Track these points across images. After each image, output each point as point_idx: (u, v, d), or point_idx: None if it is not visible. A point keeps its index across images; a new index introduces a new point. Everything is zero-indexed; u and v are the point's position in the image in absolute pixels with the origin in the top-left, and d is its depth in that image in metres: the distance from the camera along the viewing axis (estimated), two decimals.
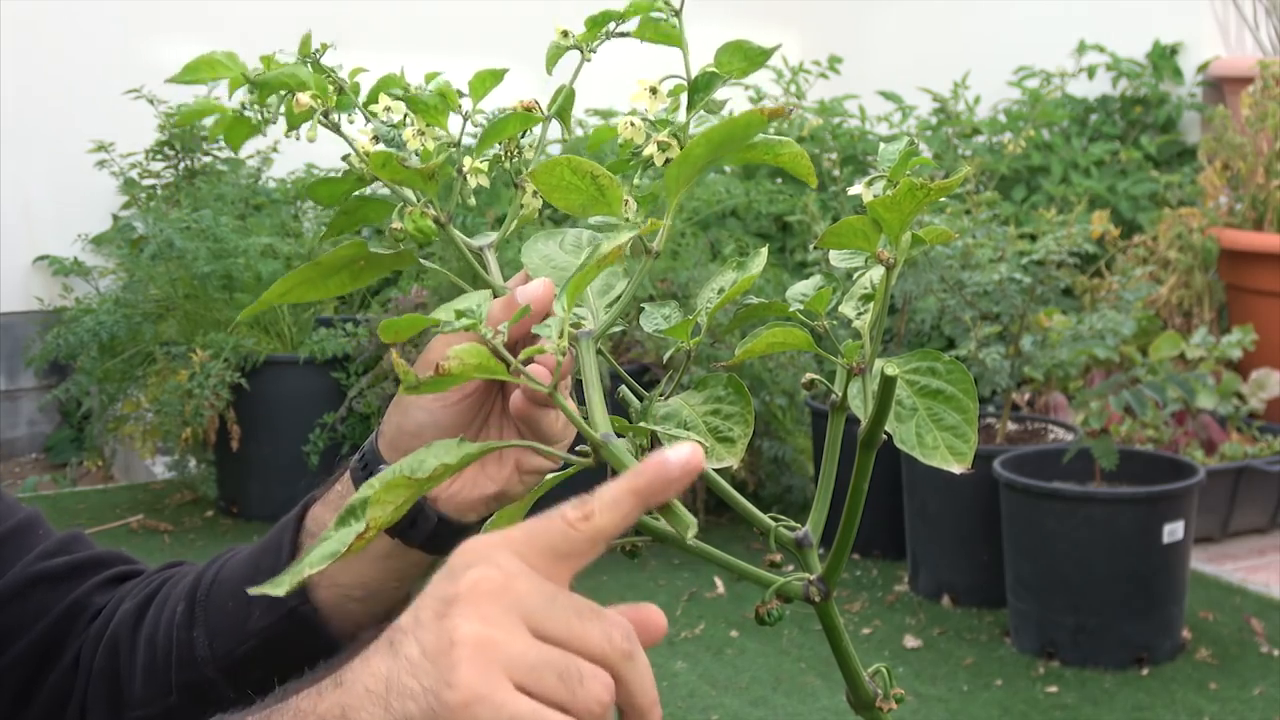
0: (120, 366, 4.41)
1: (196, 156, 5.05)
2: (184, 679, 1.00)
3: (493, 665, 0.64)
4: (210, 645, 0.99)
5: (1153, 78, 5.47)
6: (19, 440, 5.25)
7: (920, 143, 4.98)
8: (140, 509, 4.41)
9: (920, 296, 3.81)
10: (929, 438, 0.80)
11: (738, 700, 3.12)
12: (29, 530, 1.08)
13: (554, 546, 0.68)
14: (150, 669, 1.02)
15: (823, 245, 0.80)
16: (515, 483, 0.91)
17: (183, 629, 1.01)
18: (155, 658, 1.01)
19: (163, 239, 4.33)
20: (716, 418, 0.82)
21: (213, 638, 0.99)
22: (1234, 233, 4.53)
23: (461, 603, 0.65)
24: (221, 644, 0.99)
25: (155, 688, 1.01)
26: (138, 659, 1.02)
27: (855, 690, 0.81)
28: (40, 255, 5.16)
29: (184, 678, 1.00)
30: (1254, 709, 3.02)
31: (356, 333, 4.28)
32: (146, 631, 1.03)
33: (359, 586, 0.93)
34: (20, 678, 1.04)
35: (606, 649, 0.66)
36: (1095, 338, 3.60)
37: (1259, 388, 4.24)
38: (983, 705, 3.07)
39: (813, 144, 5.03)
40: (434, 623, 0.65)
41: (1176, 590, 3.25)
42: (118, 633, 1.04)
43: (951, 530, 3.58)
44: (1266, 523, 4.01)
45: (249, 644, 0.98)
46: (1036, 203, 4.97)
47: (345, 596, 0.96)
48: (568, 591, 0.67)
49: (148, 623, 1.03)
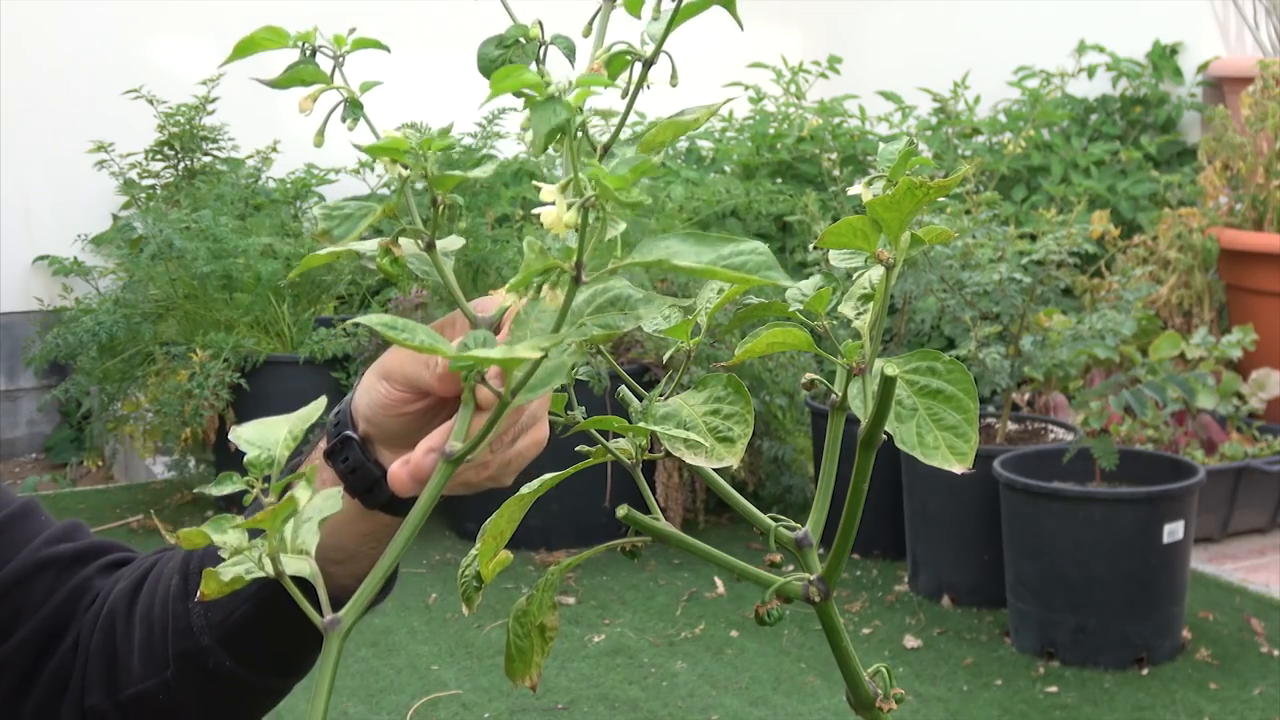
0: (120, 366, 4.42)
1: (196, 156, 5.05)
2: (180, 649, 1.02)
3: None
4: (205, 613, 1.01)
5: (1153, 78, 5.47)
6: (19, 440, 5.25)
7: (920, 143, 4.99)
8: (140, 509, 4.41)
9: (920, 296, 3.81)
10: (929, 437, 0.80)
11: (738, 700, 3.12)
12: (28, 517, 1.10)
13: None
14: (147, 644, 1.04)
15: (822, 245, 0.80)
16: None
17: (178, 601, 1.02)
18: (152, 632, 1.03)
19: (162, 239, 4.34)
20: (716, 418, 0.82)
21: (207, 606, 1.01)
22: (1234, 233, 4.53)
23: None
24: (216, 611, 1.01)
25: (151, 662, 1.03)
26: (134, 636, 1.04)
27: (855, 690, 0.81)
28: (40, 255, 5.16)
29: (180, 647, 1.02)
30: (1254, 709, 3.02)
31: (356, 333, 4.28)
32: (141, 609, 1.05)
33: (336, 550, 0.95)
34: (25, 661, 1.06)
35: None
36: (1095, 338, 3.60)
37: (1259, 388, 4.24)
38: (983, 705, 3.07)
39: (813, 144, 5.04)
40: None
41: (1176, 590, 3.25)
42: (113, 612, 1.06)
43: (951, 530, 3.58)
44: (1266, 523, 4.01)
45: (242, 608, 1.00)
46: (1036, 203, 4.97)
47: (326, 559, 0.97)
48: None
49: (142, 600, 1.05)
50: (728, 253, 0.70)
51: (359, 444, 0.93)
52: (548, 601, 0.90)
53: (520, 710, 3.08)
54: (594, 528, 3.79)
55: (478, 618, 3.52)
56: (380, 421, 0.92)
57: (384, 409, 0.92)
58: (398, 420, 0.92)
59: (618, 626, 3.50)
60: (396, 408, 0.91)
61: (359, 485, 0.93)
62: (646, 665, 3.29)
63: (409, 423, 0.92)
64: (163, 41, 5.36)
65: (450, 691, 3.17)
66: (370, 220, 0.80)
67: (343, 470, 0.93)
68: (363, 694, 3.15)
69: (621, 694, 3.15)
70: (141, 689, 1.03)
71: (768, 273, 0.69)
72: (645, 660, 3.32)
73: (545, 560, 3.89)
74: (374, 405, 0.92)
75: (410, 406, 0.91)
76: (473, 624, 3.47)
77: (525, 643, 0.90)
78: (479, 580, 0.87)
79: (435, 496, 0.80)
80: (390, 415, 0.92)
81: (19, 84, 5.06)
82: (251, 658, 1.01)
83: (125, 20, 5.27)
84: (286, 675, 1.05)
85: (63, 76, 5.16)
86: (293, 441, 0.80)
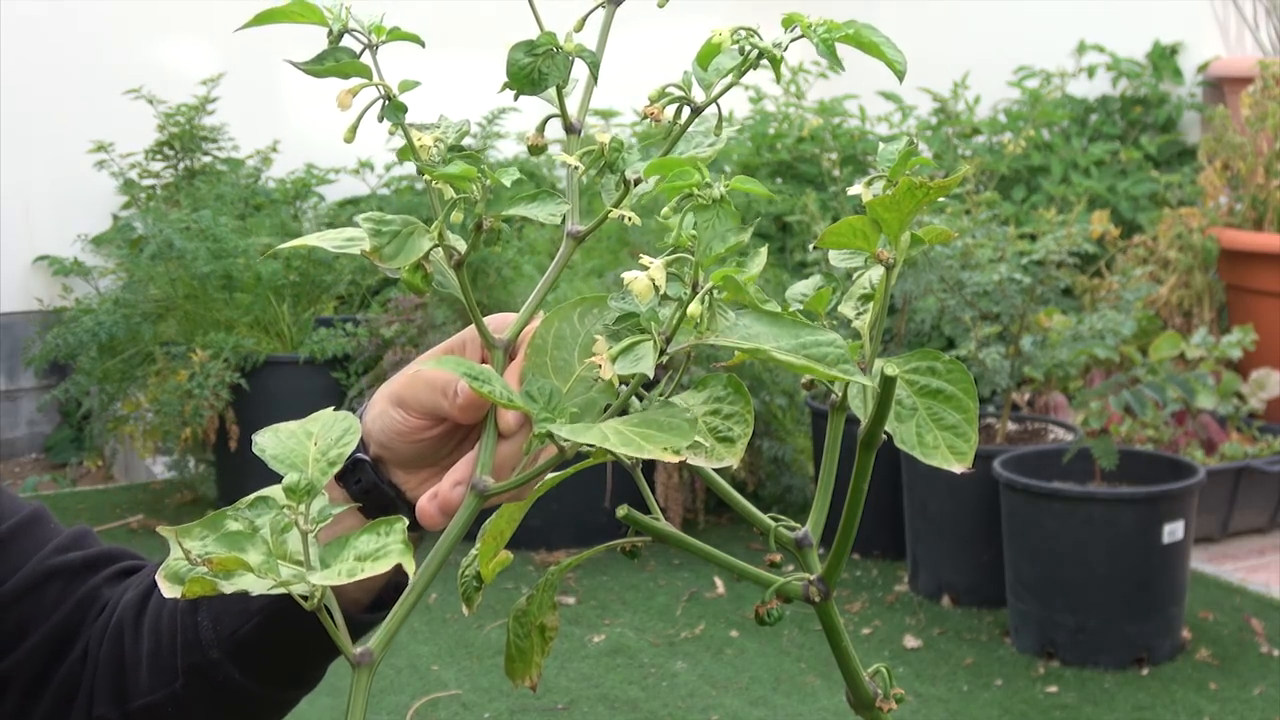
0: (120, 366, 4.42)
1: (196, 156, 5.05)
2: (189, 662, 1.01)
3: None
4: (215, 627, 1.00)
5: (1153, 78, 5.47)
6: (19, 440, 5.25)
7: (920, 143, 4.98)
8: (140, 509, 4.41)
9: (920, 296, 3.81)
10: (929, 437, 0.80)
11: (738, 700, 3.12)
12: (38, 525, 1.09)
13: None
14: (155, 655, 1.03)
15: (822, 245, 0.80)
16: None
17: (186, 614, 1.01)
18: (160, 644, 1.02)
19: (162, 239, 4.34)
20: (716, 418, 0.81)
21: (216, 619, 1.00)
22: (1234, 233, 4.53)
23: None
24: (226, 624, 0.99)
25: (160, 674, 1.02)
26: (142, 646, 1.03)
27: (855, 690, 0.81)
28: (40, 255, 5.16)
29: (189, 661, 1.01)
30: (1254, 709, 3.02)
31: (356, 333, 4.28)
32: (150, 619, 1.04)
33: None
34: (33, 670, 1.05)
35: None
36: (1095, 338, 3.60)
37: (1259, 388, 4.24)
38: (983, 705, 3.07)
39: (813, 144, 5.03)
40: None
41: (1176, 590, 3.25)
42: (121, 622, 1.05)
43: (951, 530, 3.58)
44: (1266, 523, 4.01)
45: (253, 621, 0.99)
46: (1036, 203, 4.97)
47: None
48: None
49: (150, 610, 1.04)
50: (808, 341, 0.74)
51: (371, 465, 0.92)
52: (548, 601, 0.90)
53: (520, 710, 3.08)
54: (594, 528, 3.79)
55: (478, 618, 3.52)
56: (395, 446, 0.91)
57: (399, 435, 0.91)
58: (413, 446, 0.91)
59: (618, 626, 3.50)
60: (413, 434, 0.90)
61: (374, 506, 0.92)
62: (646, 665, 3.29)
63: (424, 448, 0.91)
64: (163, 41, 5.36)
65: (450, 691, 3.17)
66: (424, 244, 0.79)
67: (356, 493, 0.92)
68: None
69: (621, 694, 3.15)
70: (150, 700, 1.02)
71: (844, 366, 0.73)
72: (645, 660, 3.32)
73: (545, 560, 3.89)
74: (388, 431, 0.91)
75: (426, 433, 0.90)
76: (473, 624, 3.47)
77: (525, 643, 0.90)
78: (479, 580, 0.87)
79: (464, 530, 0.80)
80: (406, 442, 0.91)
81: (19, 84, 5.06)
82: (261, 671, 1.00)
83: (125, 20, 5.27)
84: (296, 688, 1.04)
85: (63, 76, 5.16)
86: (329, 467, 0.79)
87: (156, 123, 4.98)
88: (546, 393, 0.77)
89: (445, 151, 0.79)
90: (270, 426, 0.83)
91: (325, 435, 0.81)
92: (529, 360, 0.83)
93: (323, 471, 0.78)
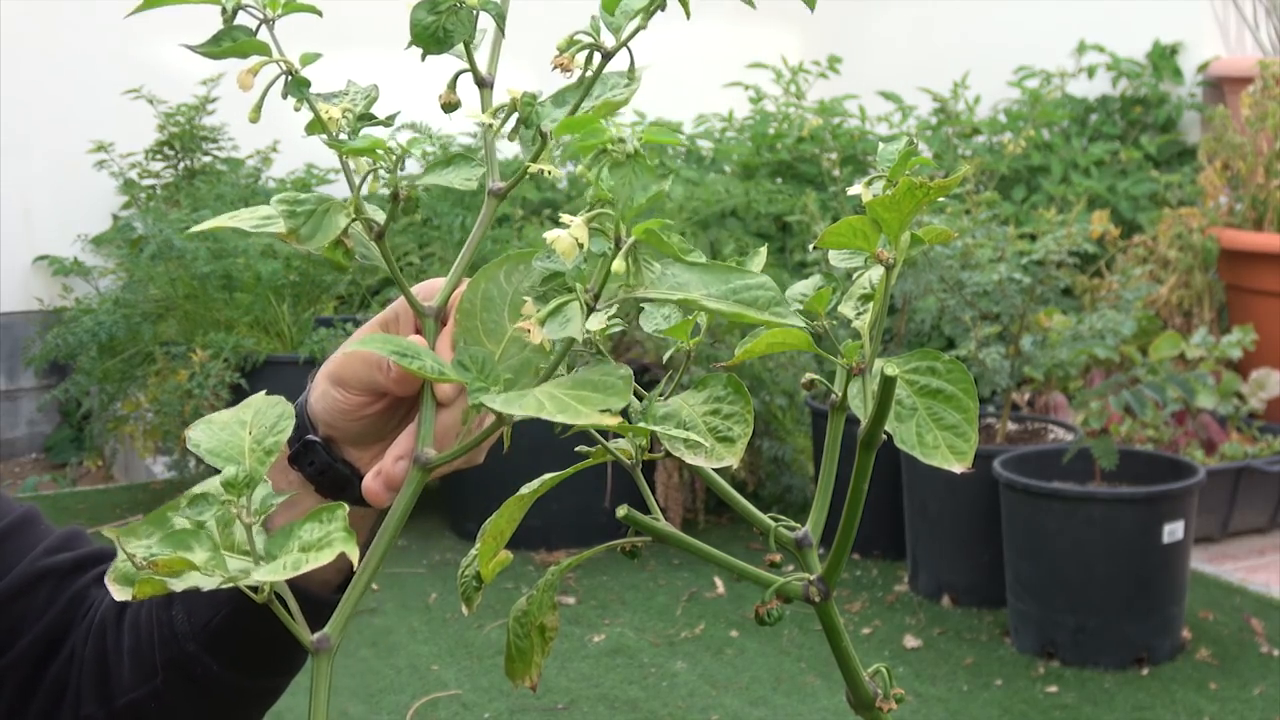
0: (120, 366, 4.42)
1: (196, 156, 5.05)
2: (167, 657, 1.02)
3: None
4: (189, 619, 1.01)
5: (1153, 78, 5.47)
6: (19, 440, 5.25)
7: (920, 143, 4.99)
8: (140, 509, 4.41)
9: (920, 296, 3.81)
10: (929, 437, 0.79)
11: (738, 700, 3.12)
12: (29, 526, 1.10)
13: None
14: (135, 652, 1.03)
15: (822, 245, 0.80)
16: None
17: (162, 609, 1.02)
18: (139, 640, 1.03)
19: (162, 239, 4.34)
20: (716, 418, 0.82)
21: (190, 612, 1.00)
22: (1234, 233, 4.53)
23: None
24: (199, 616, 1.00)
25: (141, 670, 1.03)
26: (123, 644, 1.04)
27: (855, 690, 0.81)
28: (40, 255, 5.16)
29: (166, 655, 1.02)
30: (1254, 709, 3.02)
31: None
32: (130, 617, 1.05)
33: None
34: (26, 671, 1.06)
35: None
36: (1095, 338, 3.60)
37: (1259, 388, 4.24)
38: (983, 705, 3.07)
39: (813, 144, 5.03)
40: None
41: (1176, 590, 3.25)
42: (104, 620, 1.06)
43: (951, 530, 3.58)
44: (1266, 523, 4.01)
45: (223, 612, 0.99)
46: (1036, 203, 4.97)
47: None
48: None
49: (131, 608, 1.05)
50: (738, 286, 0.72)
51: (323, 446, 0.93)
52: (548, 601, 0.90)
53: (520, 710, 3.08)
54: (594, 528, 3.79)
55: (478, 618, 3.52)
56: (340, 425, 0.92)
57: (343, 414, 0.91)
58: (358, 423, 0.92)
59: (618, 626, 3.50)
60: (355, 412, 0.91)
61: (330, 486, 0.92)
62: (646, 665, 3.29)
63: (370, 424, 0.92)
64: (163, 41, 5.35)
65: (450, 691, 3.17)
66: (340, 221, 0.79)
67: (311, 474, 0.93)
68: (363, 694, 3.15)
69: (621, 694, 3.15)
70: (133, 698, 1.03)
71: (775, 310, 0.72)
72: (645, 660, 3.32)
73: (545, 560, 3.89)
74: (331, 410, 0.92)
75: (368, 409, 0.91)
76: (473, 624, 3.47)
77: (525, 643, 0.89)
78: (479, 580, 0.87)
79: (410, 504, 0.79)
80: (349, 419, 0.91)
81: (19, 84, 5.06)
82: (237, 660, 1.01)
83: (125, 20, 5.27)
84: (277, 675, 1.04)
85: (63, 76, 5.16)
86: (266, 456, 0.78)
87: (156, 123, 4.97)
88: (479, 360, 0.76)
89: (354, 121, 0.78)
90: (203, 418, 0.82)
91: (259, 423, 0.81)
92: (459, 326, 0.82)
93: (260, 460, 0.78)
